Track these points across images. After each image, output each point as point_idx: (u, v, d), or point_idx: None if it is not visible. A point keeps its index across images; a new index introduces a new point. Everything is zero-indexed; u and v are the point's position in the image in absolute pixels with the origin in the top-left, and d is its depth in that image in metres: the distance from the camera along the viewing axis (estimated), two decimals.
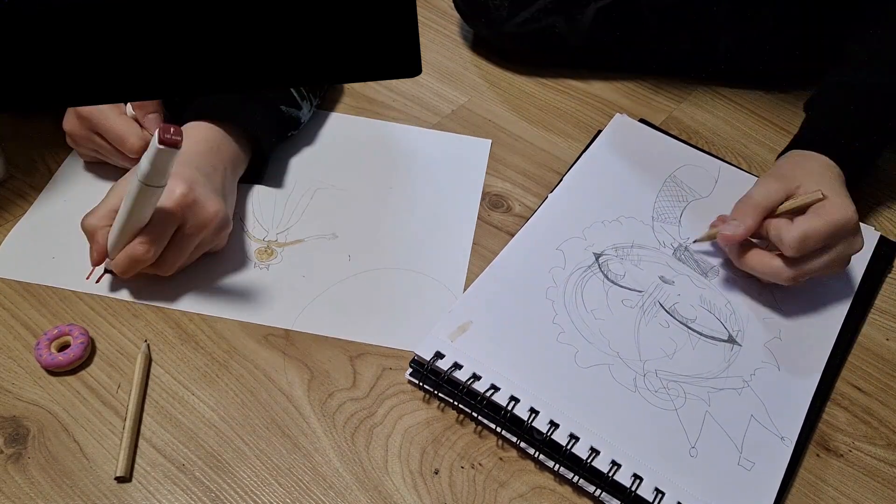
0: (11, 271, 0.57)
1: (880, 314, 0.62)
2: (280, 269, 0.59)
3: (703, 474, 0.49)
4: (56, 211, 0.61)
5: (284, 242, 0.61)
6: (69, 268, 0.58)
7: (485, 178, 0.69)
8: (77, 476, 0.47)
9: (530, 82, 0.80)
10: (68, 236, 0.59)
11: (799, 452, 0.51)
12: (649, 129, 0.74)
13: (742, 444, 0.51)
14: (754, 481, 0.49)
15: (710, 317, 0.58)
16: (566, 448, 0.49)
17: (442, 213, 0.65)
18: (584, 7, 0.75)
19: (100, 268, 0.57)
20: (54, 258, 0.58)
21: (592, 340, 0.56)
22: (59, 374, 0.52)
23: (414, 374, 0.53)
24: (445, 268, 0.61)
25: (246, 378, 0.53)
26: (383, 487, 0.48)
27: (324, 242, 0.61)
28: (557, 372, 0.53)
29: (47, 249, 0.59)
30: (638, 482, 0.48)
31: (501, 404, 0.50)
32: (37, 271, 0.57)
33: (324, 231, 0.62)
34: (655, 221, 0.65)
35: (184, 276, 0.58)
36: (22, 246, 0.59)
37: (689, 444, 0.51)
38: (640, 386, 0.53)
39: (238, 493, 0.48)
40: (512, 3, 0.75)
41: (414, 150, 0.71)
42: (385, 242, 0.62)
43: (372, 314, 0.57)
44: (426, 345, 0.53)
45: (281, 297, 0.57)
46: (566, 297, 0.58)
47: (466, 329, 0.54)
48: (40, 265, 0.58)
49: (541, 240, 0.62)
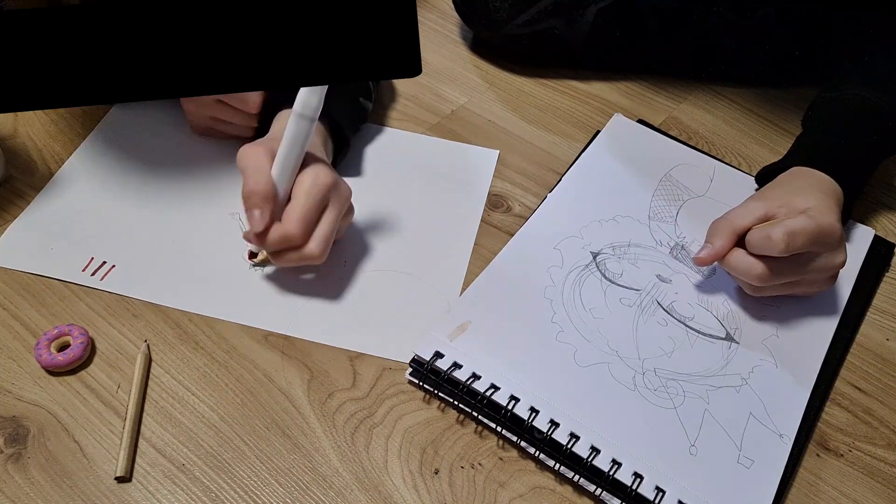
0: (12, 262, 0.58)
1: (880, 314, 0.62)
2: (278, 273, 0.59)
3: (702, 472, 0.49)
4: (58, 205, 0.62)
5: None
6: (68, 260, 0.58)
7: None
8: (77, 476, 0.47)
9: (530, 82, 0.80)
10: (70, 229, 0.60)
11: (798, 450, 0.51)
12: (646, 129, 0.74)
13: (741, 441, 0.51)
14: (754, 479, 0.49)
15: (707, 315, 0.59)
16: (566, 447, 0.49)
17: (443, 222, 0.65)
18: (585, 8, 0.75)
19: (253, 253, 0.59)
20: (52, 249, 0.59)
21: (591, 339, 0.56)
22: (59, 374, 0.52)
23: (414, 373, 0.53)
24: (443, 276, 0.60)
25: (246, 378, 0.53)
26: (383, 487, 0.48)
27: None
28: (557, 371, 0.53)
29: (47, 242, 0.59)
30: (639, 481, 0.48)
31: (501, 404, 0.50)
32: (36, 262, 0.58)
33: None
34: (652, 220, 0.65)
35: (183, 276, 0.58)
36: (23, 238, 0.60)
37: (688, 442, 0.51)
38: (639, 384, 0.53)
39: (238, 493, 0.48)
40: (512, 5, 0.75)
41: (419, 158, 0.70)
42: (383, 248, 0.62)
43: (366, 322, 0.57)
44: (425, 344, 0.53)
45: (277, 301, 0.57)
46: (564, 296, 0.58)
47: (465, 329, 0.54)
48: (40, 257, 0.58)
49: (539, 239, 0.62)
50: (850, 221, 0.66)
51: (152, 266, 0.59)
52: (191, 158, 0.67)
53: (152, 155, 0.67)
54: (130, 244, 0.60)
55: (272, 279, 0.59)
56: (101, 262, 0.58)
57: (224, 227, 0.62)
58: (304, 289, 0.58)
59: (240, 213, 0.63)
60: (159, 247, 0.60)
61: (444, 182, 0.68)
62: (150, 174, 0.65)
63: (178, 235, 0.61)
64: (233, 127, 0.66)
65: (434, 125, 0.74)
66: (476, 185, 0.68)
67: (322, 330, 0.56)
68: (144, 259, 0.59)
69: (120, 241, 0.60)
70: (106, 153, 0.67)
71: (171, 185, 0.64)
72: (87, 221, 0.61)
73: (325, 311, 0.57)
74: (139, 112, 0.70)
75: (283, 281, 0.59)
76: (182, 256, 0.59)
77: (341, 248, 0.61)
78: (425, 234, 0.64)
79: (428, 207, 0.66)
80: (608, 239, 0.63)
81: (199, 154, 0.67)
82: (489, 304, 0.57)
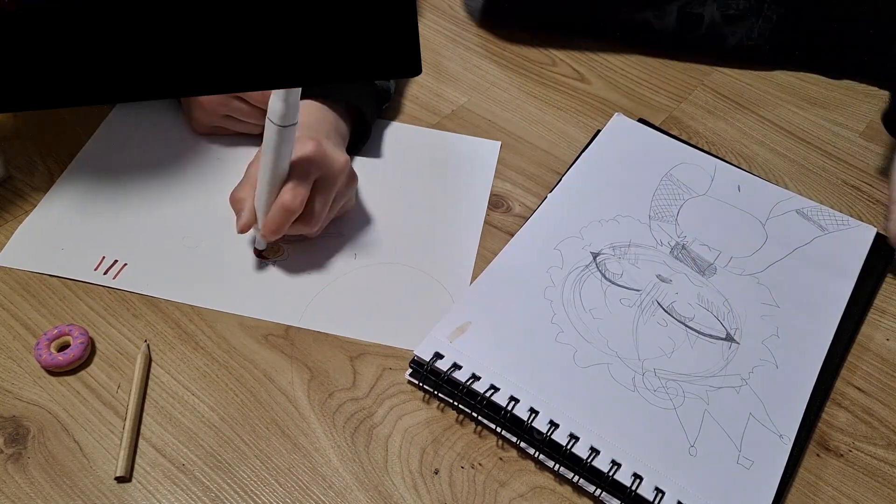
0: (23, 263, 0.58)
1: (880, 314, 0.62)
2: (287, 267, 0.60)
3: (702, 473, 0.49)
4: (64, 206, 0.62)
5: (291, 240, 0.61)
6: (79, 260, 0.58)
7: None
8: (77, 476, 0.47)
9: (530, 82, 0.80)
10: (78, 229, 0.60)
11: (798, 450, 0.51)
12: (647, 129, 0.74)
13: (741, 442, 0.51)
14: (754, 480, 0.49)
15: (707, 315, 0.58)
16: (566, 448, 0.49)
17: (450, 215, 0.65)
18: None
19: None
20: (63, 249, 0.59)
21: (591, 340, 0.56)
22: (59, 374, 0.52)
23: (414, 374, 0.53)
24: (451, 268, 0.61)
25: (246, 378, 0.53)
26: (383, 487, 0.48)
27: (330, 241, 0.62)
28: (556, 372, 0.53)
29: (57, 242, 0.59)
30: (638, 481, 0.48)
31: (501, 404, 0.50)
32: (48, 263, 0.58)
33: (330, 229, 0.62)
34: (652, 220, 0.65)
35: (195, 272, 0.58)
36: (32, 238, 0.60)
37: (688, 442, 0.51)
38: (639, 385, 0.53)
39: (238, 493, 0.48)
40: None
41: (422, 151, 0.71)
42: (391, 242, 0.62)
43: (376, 313, 0.57)
44: (425, 345, 0.53)
45: (287, 295, 0.58)
46: (564, 297, 0.58)
47: (465, 330, 0.54)
48: (51, 257, 0.58)
49: (539, 240, 0.62)
50: (851, 219, 0.67)
51: (163, 263, 0.59)
52: (194, 156, 0.67)
53: (156, 153, 0.67)
54: (140, 242, 0.60)
55: (284, 273, 0.59)
56: (113, 260, 0.58)
57: (232, 222, 0.62)
58: (314, 282, 0.59)
59: None
60: (169, 244, 0.60)
61: (447, 174, 0.69)
62: (155, 172, 0.65)
63: (187, 232, 0.61)
64: (243, 125, 0.66)
65: (434, 125, 0.74)
66: (479, 176, 0.69)
67: (332, 321, 0.57)
68: (155, 256, 0.59)
69: (129, 240, 0.60)
70: (109, 153, 0.67)
71: (175, 182, 0.65)
72: (94, 221, 0.61)
73: (335, 303, 0.58)
74: (141, 111, 0.70)
75: (294, 274, 0.59)
76: (192, 253, 0.60)
77: (352, 240, 0.62)
78: (432, 228, 0.64)
79: (433, 200, 0.67)
80: (608, 239, 0.63)
81: (203, 151, 0.68)
82: (489, 304, 0.57)
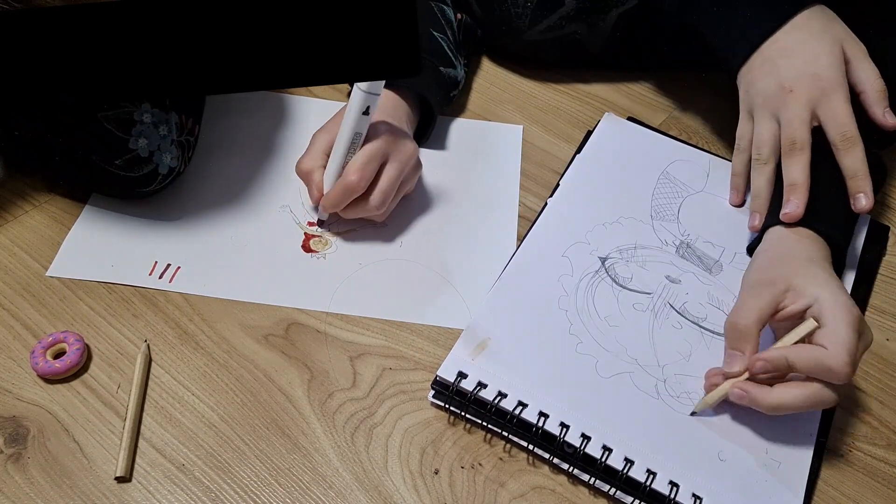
0: (77, 272, 0.58)
1: (880, 314, 0.62)
2: (334, 259, 0.61)
3: (732, 477, 0.49)
4: (109, 213, 0.62)
5: (337, 232, 0.63)
6: (133, 266, 0.59)
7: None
8: (77, 476, 0.47)
9: (530, 82, 0.80)
10: (126, 236, 0.61)
11: (821, 447, 0.52)
12: (637, 127, 0.74)
13: (767, 442, 0.51)
14: (782, 479, 0.49)
15: (719, 314, 0.58)
16: (601, 461, 0.48)
17: (485, 204, 0.67)
18: (606, 13, 0.75)
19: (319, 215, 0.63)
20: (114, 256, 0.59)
21: (610, 349, 0.55)
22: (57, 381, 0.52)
23: (437, 395, 0.52)
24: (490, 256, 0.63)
25: (246, 378, 0.53)
26: (383, 487, 0.48)
27: (371, 231, 0.63)
28: (581, 384, 0.53)
29: (106, 249, 0.60)
30: (675, 490, 0.48)
31: (532, 422, 0.50)
32: (103, 271, 0.58)
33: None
34: (655, 220, 0.65)
35: (245, 271, 0.59)
36: (82, 247, 0.60)
37: (716, 447, 0.51)
38: (662, 392, 0.53)
39: (238, 493, 0.48)
40: (534, 10, 0.75)
41: (450, 139, 0.72)
42: (430, 232, 0.64)
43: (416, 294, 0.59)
44: (448, 365, 0.52)
45: (333, 285, 0.59)
46: (578, 306, 0.58)
47: (486, 346, 0.54)
48: (103, 265, 0.59)
49: (546, 248, 0.61)
50: None
51: (214, 264, 0.60)
52: (236, 157, 0.67)
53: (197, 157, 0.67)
54: (190, 245, 0.60)
55: (328, 265, 0.60)
56: (166, 264, 0.59)
57: (275, 219, 0.64)
58: (357, 271, 0.60)
59: (290, 206, 0.64)
60: (220, 245, 0.61)
61: (478, 163, 0.71)
62: (196, 175, 0.65)
63: (235, 232, 0.62)
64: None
65: None
66: (509, 162, 0.71)
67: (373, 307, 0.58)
68: (206, 258, 0.60)
69: (179, 243, 0.60)
70: None
71: (219, 184, 0.65)
72: (142, 227, 0.61)
73: (375, 290, 0.59)
74: None
75: (338, 266, 0.60)
76: (240, 252, 0.61)
77: (393, 231, 0.63)
78: (470, 220, 0.66)
79: (468, 190, 0.68)
80: (615, 242, 0.63)
81: (246, 152, 0.68)
82: (506, 318, 0.56)
